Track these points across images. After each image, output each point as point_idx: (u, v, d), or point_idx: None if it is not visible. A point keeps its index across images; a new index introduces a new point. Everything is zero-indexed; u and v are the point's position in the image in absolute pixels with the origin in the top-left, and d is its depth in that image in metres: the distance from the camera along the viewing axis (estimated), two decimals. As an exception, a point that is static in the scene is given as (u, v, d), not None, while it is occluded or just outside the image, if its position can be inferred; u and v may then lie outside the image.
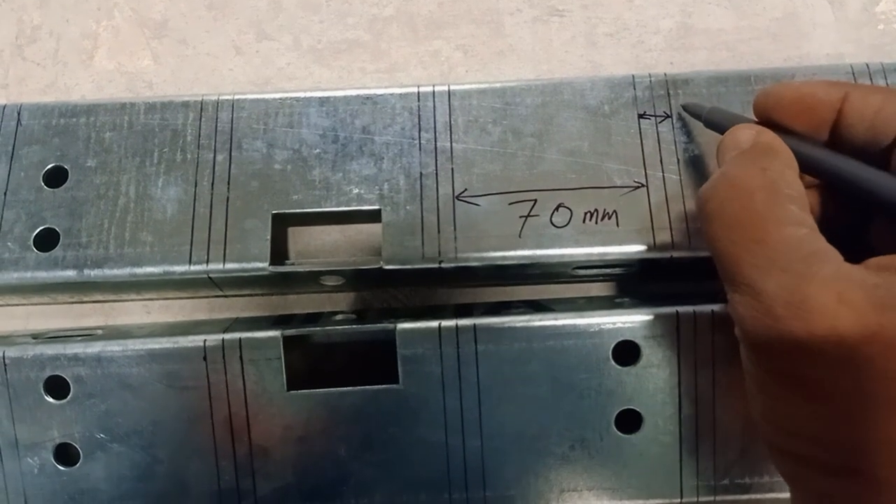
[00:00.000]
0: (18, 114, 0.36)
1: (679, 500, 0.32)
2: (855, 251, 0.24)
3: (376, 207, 0.34)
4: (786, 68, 0.36)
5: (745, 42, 0.42)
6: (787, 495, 0.32)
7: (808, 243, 0.23)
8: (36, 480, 0.32)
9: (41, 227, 0.34)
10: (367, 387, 0.32)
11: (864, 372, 0.21)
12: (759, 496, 0.33)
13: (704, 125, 0.32)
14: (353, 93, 0.36)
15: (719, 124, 0.31)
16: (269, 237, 0.34)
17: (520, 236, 0.33)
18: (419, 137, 0.35)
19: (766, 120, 0.29)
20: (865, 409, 0.22)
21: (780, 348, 0.23)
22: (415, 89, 0.36)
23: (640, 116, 0.35)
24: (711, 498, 0.32)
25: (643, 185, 0.34)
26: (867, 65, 0.36)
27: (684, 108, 0.34)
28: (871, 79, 0.35)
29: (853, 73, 0.36)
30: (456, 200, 0.34)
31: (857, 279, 0.22)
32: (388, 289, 0.40)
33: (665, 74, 0.36)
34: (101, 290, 0.36)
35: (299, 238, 0.40)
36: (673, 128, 0.35)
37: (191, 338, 0.32)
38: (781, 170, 0.26)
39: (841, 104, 0.27)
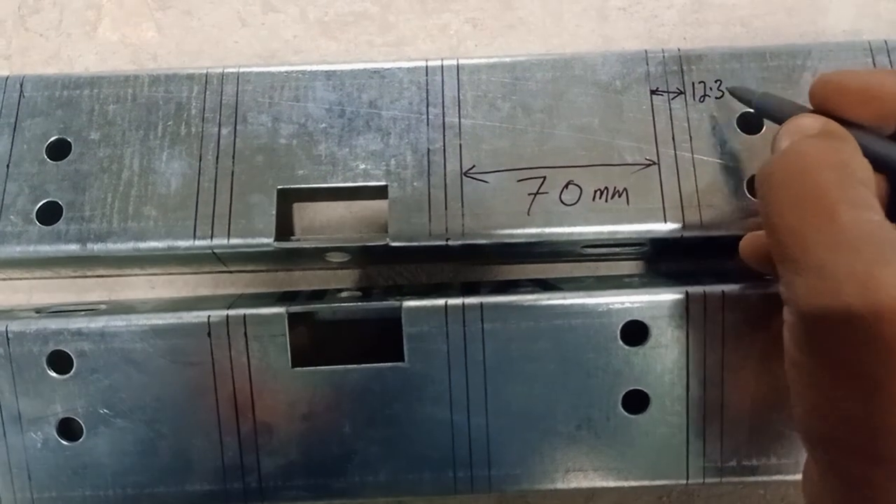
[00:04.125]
0: (21, 85, 0.35)
1: (685, 482, 0.32)
2: None
3: (383, 183, 0.34)
4: (801, 45, 0.35)
5: (760, 17, 0.41)
6: (794, 478, 0.32)
7: (880, 229, 0.22)
8: (39, 455, 0.32)
9: (44, 201, 0.34)
10: (373, 364, 0.32)
11: None
12: (766, 478, 0.32)
13: (755, 111, 0.31)
14: (361, 66, 0.35)
15: (773, 111, 0.30)
16: (274, 212, 0.33)
17: (528, 214, 0.33)
18: (427, 112, 0.35)
19: (825, 109, 0.27)
20: None
21: (843, 331, 0.22)
22: (423, 63, 0.35)
23: (653, 93, 0.34)
24: (718, 479, 0.32)
25: (655, 163, 0.33)
26: (885, 41, 0.35)
27: (730, 91, 0.33)
28: (888, 56, 0.35)
29: (871, 50, 0.35)
30: (464, 177, 0.33)
31: None
32: (394, 266, 0.40)
33: (678, 50, 0.35)
34: (105, 265, 0.36)
35: (305, 214, 0.39)
36: (686, 105, 0.34)
37: (195, 313, 0.32)
38: (853, 153, 0.24)
39: None
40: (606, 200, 0.33)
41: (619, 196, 0.33)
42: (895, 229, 0.23)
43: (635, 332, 0.32)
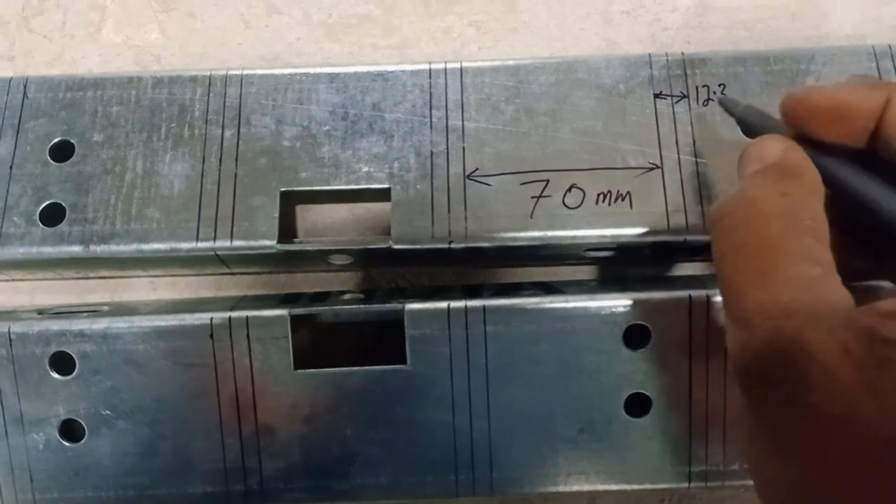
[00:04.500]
0: (25, 87, 0.36)
1: (687, 485, 0.32)
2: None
3: (386, 186, 0.34)
4: (805, 49, 0.36)
5: (764, 21, 0.41)
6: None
7: (818, 286, 0.22)
8: (41, 456, 0.32)
9: (47, 202, 0.34)
10: (375, 367, 0.32)
11: (862, 432, 0.19)
12: (768, 483, 0.32)
13: (737, 123, 0.31)
14: (364, 69, 0.35)
15: (751, 126, 0.29)
16: (277, 215, 0.33)
17: (531, 217, 0.33)
18: (430, 115, 0.35)
19: (797, 129, 0.26)
20: (860, 472, 0.19)
21: (773, 397, 0.21)
22: (426, 66, 0.35)
23: (656, 96, 0.34)
24: (720, 483, 0.32)
25: (658, 167, 0.33)
26: (889, 46, 0.35)
27: (720, 101, 0.33)
28: (892, 60, 0.35)
29: (875, 54, 0.35)
30: (467, 180, 0.33)
31: (864, 330, 0.20)
32: (396, 268, 0.40)
33: (682, 54, 0.35)
34: (107, 266, 0.36)
35: (308, 216, 0.39)
36: (689, 108, 0.34)
37: (197, 315, 0.32)
38: (804, 197, 0.24)
39: (883, 110, 0.24)
40: (609, 204, 0.33)
41: (623, 200, 0.33)
42: (837, 282, 0.22)
43: (638, 336, 0.32)
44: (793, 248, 0.22)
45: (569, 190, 0.33)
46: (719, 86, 0.34)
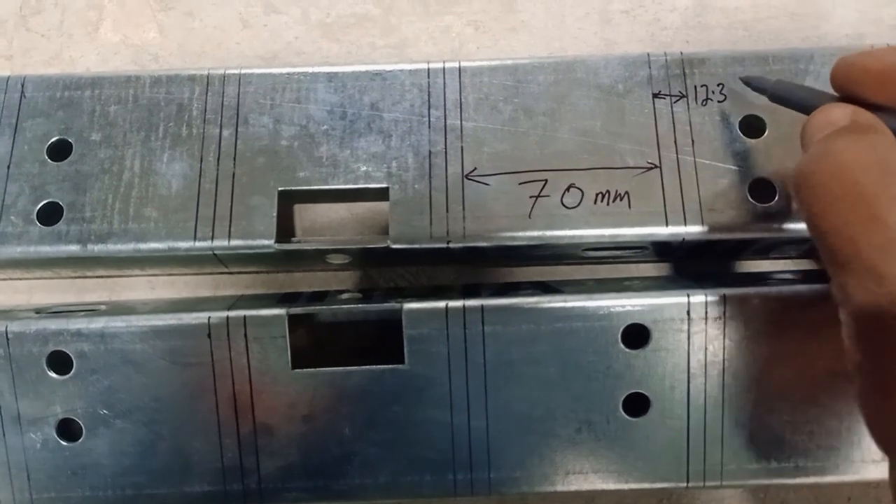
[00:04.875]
0: (22, 86, 0.35)
1: (685, 485, 0.32)
2: None
3: (384, 185, 0.34)
4: (804, 49, 0.35)
5: (763, 21, 0.41)
6: (793, 482, 0.32)
7: None
8: (38, 455, 0.32)
9: (45, 201, 0.34)
10: (373, 366, 0.32)
11: None
12: (766, 482, 0.32)
13: (771, 100, 0.31)
14: (362, 68, 0.35)
15: (791, 99, 0.30)
16: (275, 214, 0.33)
17: (530, 217, 0.33)
18: (429, 115, 0.35)
19: (847, 93, 0.27)
20: None
21: None
22: (425, 65, 0.35)
23: (655, 96, 0.34)
24: (718, 483, 0.32)
25: (657, 167, 0.33)
26: (888, 46, 0.35)
27: (744, 81, 0.33)
28: (891, 60, 0.35)
29: (873, 55, 0.35)
30: (465, 179, 0.33)
31: None
32: (395, 268, 0.40)
33: (681, 53, 0.35)
34: (105, 266, 0.36)
35: (306, 215, 0.39)
36: (688, 108, 0.34)
37: (195, 314, 0.32)
38: (890, 147, 0.24)
39: None
40: (608, 204, 0.33)
41: (621, 199, 0.33)
42: None
43: (636, 335, 0.32)
44: (894, 193, 0.22)
45: (567, 190, 0.33)
46: (718, 85, 0.34)
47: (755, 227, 0.32)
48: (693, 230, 0.32)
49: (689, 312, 0.32)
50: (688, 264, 0.39)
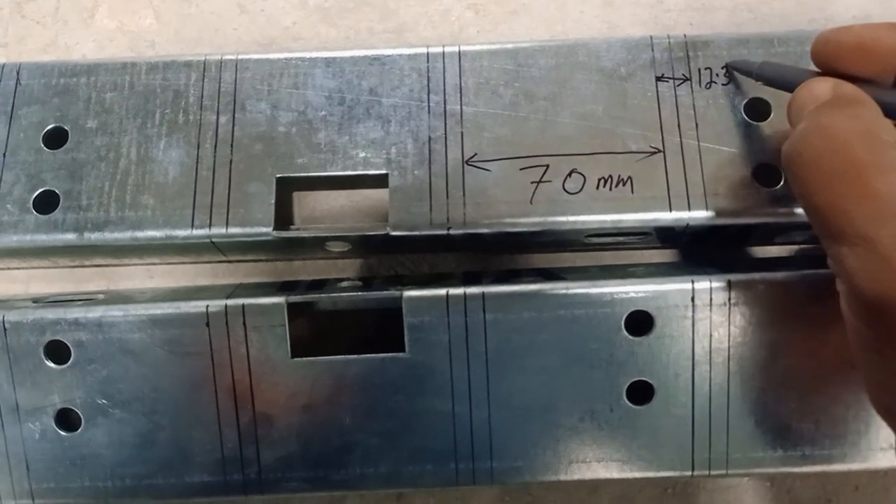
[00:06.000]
0: (18, 73, 0.35)
1: (690, 473, 0.32)
2: None
3: (383, 172, 0.33)
4: (809, 31, 0.35)
5: (768, 3, 0.40)
6: (800, 470, 0.32)
7: None
8: (37, 446, 0.32)
9: (41, 189, 0.33)
10: (373, 355, 0.32)
11: None
12: (772, 470, 0.32)
13: (756, 80, 0.31)
14: (361, 53, 0.35)
15: (777, 79, 0.30)
16: (273, 201, 0.33)
17: (531, 203, 0.32)
18: (428, 100, 0.34)
19: (829, 68, 0.28)
20: None
21: None
22: (424, 50, 0.35)
23: (658, 79, 0.34)
24: (723, 472, 0.32)
25: (660, 151, 0.33)
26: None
27: (730, 66, 0.33)
28: (899, 41, 0.34)
29: (881, 36, 0.34)
30: (465, 165, 0.33)
31: None
32: (395, 255, 0.39)
33: (684, 36, 0.34)
34: (102, 254, 0.36)
35: (304, 202, 0.39)
36: (692, 91, 0.34)
37: (193, 303, 0.32)
38: (874, 117, 0.25)
39: None
40: (610, 189, 0.32)
41: (624, 185, 0.32)
42: None
43: (640, 323, 0.31)
44: (881, 161, 0.23)
45: (569, 175, 0.33)
46: (722, 68, 0.34)
47: (760, 212, 0.32)
48: (697, 215, 0.32)
49: (693, 299, 0.31)
50: (695, 251, 0.38)
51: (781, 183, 0.32)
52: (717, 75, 0.34)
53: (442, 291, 0.31)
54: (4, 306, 0.33)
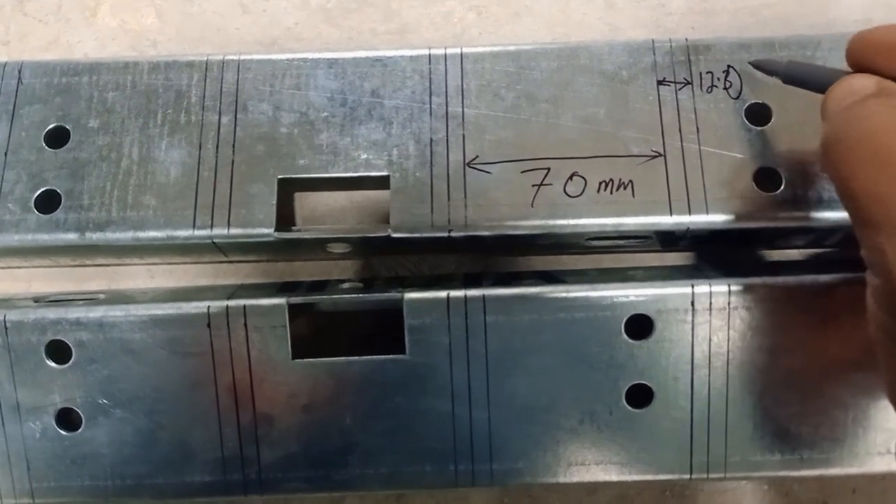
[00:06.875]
0: (19, 72, 0.35)
1: (689, 477, 0.32)
2: None
3: (385, 173, 0.33)
4: (811, 35, 0.35)
5: (770, 7, 0.40)
6: (798, 474, 0.32)
7: None
8: (38, 445, 0.32)
9: (42, 189, 0.33)
10: (374, 356, 0.32)
11: None
12: (770, 474, 0.32)
13: (784, 82, 0.31)
14: (363, 54, 0.35)
15: (806, 78, 0.30)
16: (274, 202, 0.33)
17: (532, 205, 0.32)
18: (430, 102, 0.34)
19: (863, 68, 0.27)
20: None
21: None
22: (426, 52, 0.35)
23: (660, 83, 0.34)
24: (722, 475, 0.32)
25: (661, 155, 0.33)
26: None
27: (754, 64, 0.33)
28: (900, 46, 0.34)
29: (882, 41, 0.34)
30: (467, 167, 0.33)
31: None
32: (396, 257, 0.39)
33: (686, 40, 0.35)
34: (104, 254, 0.36)
35: (306, 203, 0.39)
36: (693, 95, 0.34)
37: (194, 304, 0.32)
38: None
39: None
40: (611, 192, 0.32)
41: (625, 188, 0.32)
42: None
43: (640, 326, 0.32)
44: None
45: (570, 178, 0.33)
46: (723, 72, 0.34)
47: (760, 216, 0.32)
48: (697, 219, 0.32)
49: (693, 303, 0.31)
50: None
51: (782, 187, 0.32)
52: (719, 79, 0.34)
53: (443, 293, 0.31)
54: (6, 305, 0.33)
